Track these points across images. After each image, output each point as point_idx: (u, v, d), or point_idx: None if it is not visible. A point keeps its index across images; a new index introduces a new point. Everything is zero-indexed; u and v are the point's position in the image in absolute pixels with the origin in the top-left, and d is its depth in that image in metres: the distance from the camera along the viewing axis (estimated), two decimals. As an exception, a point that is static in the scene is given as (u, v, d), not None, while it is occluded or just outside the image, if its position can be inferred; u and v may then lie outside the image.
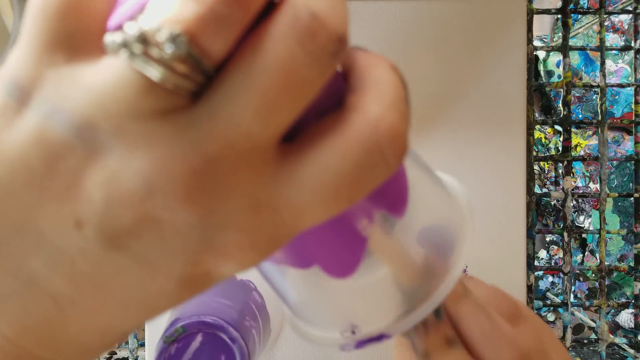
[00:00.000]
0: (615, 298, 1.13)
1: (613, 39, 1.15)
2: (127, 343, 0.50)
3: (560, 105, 0.52)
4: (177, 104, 0.13)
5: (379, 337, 0.18)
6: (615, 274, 1.13)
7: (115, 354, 0.53)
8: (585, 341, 0.51)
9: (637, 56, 0.52)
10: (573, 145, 1.15)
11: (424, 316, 0.18)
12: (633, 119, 0.52)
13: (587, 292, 1.14)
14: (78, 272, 0.13)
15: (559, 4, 0.51)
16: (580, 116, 1.14)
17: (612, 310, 1.11)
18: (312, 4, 0.13)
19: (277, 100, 0.13)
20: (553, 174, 1.17)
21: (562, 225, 0.51)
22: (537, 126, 1.05)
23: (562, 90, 0.51)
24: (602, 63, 0.51)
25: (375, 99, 0.14)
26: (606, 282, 0.50)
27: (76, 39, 0.13)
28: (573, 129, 0.85)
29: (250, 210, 0.13)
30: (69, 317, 0.14)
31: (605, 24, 0.64)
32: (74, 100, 0.13)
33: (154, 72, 0.12)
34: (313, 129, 0.14)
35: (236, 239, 0.13)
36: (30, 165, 0.13)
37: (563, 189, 0.51)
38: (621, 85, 0.53)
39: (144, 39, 0.12)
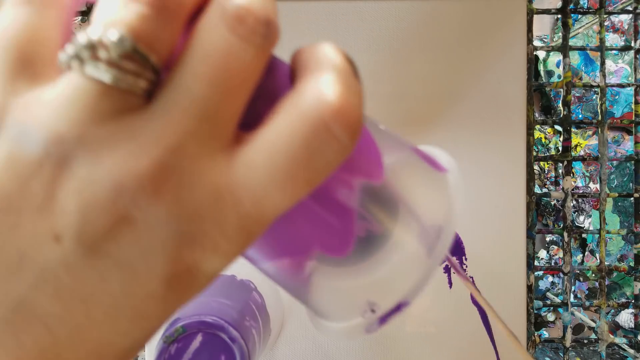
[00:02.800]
0: (615, 298, 1.13)
1: (613, 39, 1.15)
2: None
3: (560, 105, 0.52)
4: (134, 104, 0.13)
5: (398, 307, 0.19)
6: (615, 274, 1.12)
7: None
8: (585, 341, 0.51)
9: (637, 56, 0.52)
10: (573, 145, 1.15)
11: (433, 274, 0.18)
12: (633, 119, 0.52)
13: (587, 292, 1.14)
14: (63, 287, 0.13)
15: (559, 4, 0.51)
16: (580, 116, 1.14)
17: (612, 310, 1.11)
18: None
19: (222, 83, 0.13)
20: (553, 174, 1.17)
21: (562, 225, 0.51)
22: (537, 126, 1.05)
23: (562, 90, 0.51)
24: (602, 63, 0.51)
25: (315, 77, 0.14)
26: (606, 282, 0.50)
27: (35, 65, 0.14)
28: (573, 129, 0.85)
29: (214, 199, 0.13)
30: (61, 340, 0.14)
31: (605, 24, 0.64)
32: (38, 118, 0.13)
33: (106, 75, 0.13)
34: (264, 118, 0.14)
35: (206, 229, 0.13)
36: (3, 189, 0.13)
37: (563, 189, 0.51)
38: (621, 85, 0.53)
39: (91, 45, 0.13)
